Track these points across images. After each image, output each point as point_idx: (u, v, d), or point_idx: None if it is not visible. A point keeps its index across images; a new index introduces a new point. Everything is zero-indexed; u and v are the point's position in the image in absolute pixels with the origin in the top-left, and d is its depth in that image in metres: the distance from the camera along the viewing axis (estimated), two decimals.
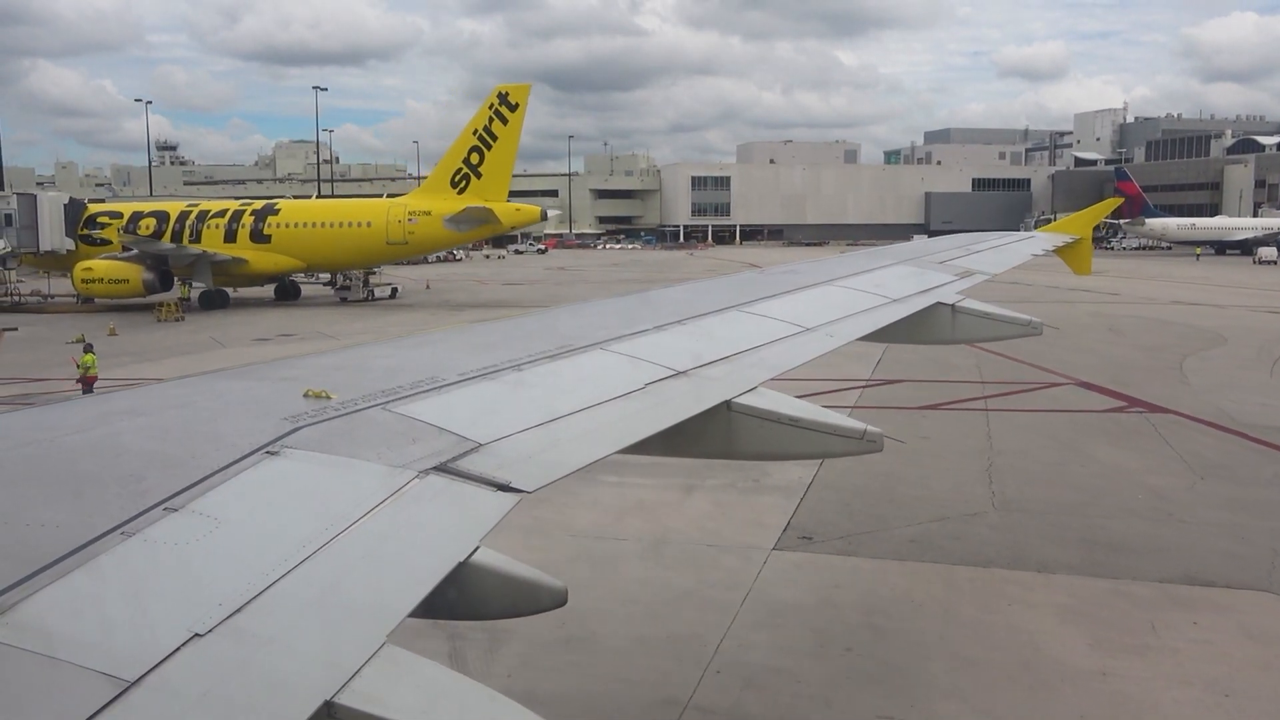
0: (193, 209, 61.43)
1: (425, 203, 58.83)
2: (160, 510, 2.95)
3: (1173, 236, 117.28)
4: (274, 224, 58.97)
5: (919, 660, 10.75)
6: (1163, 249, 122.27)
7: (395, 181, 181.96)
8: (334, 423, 3.91)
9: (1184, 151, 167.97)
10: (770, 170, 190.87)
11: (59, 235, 58.37)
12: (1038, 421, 23.05)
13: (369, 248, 58.97)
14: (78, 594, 2.50)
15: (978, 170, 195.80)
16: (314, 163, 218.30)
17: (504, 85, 57.91)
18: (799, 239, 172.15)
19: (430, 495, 3.51)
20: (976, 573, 13.31)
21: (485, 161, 57.29)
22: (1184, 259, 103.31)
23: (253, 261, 58.04)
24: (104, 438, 3.70)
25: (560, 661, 10.66)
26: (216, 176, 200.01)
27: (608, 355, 5.61)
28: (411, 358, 5.54)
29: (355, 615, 2.78)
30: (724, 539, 14.81)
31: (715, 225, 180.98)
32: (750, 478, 17.61)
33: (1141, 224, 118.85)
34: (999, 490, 17.13)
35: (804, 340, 6.75)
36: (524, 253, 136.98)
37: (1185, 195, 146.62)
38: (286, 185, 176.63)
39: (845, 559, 13.91)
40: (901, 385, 27.18)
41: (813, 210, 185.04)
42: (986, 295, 9.52)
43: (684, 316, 6.85)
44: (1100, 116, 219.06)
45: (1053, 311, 47.17)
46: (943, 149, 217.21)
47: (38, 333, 44.83)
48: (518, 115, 56.98)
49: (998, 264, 11.83)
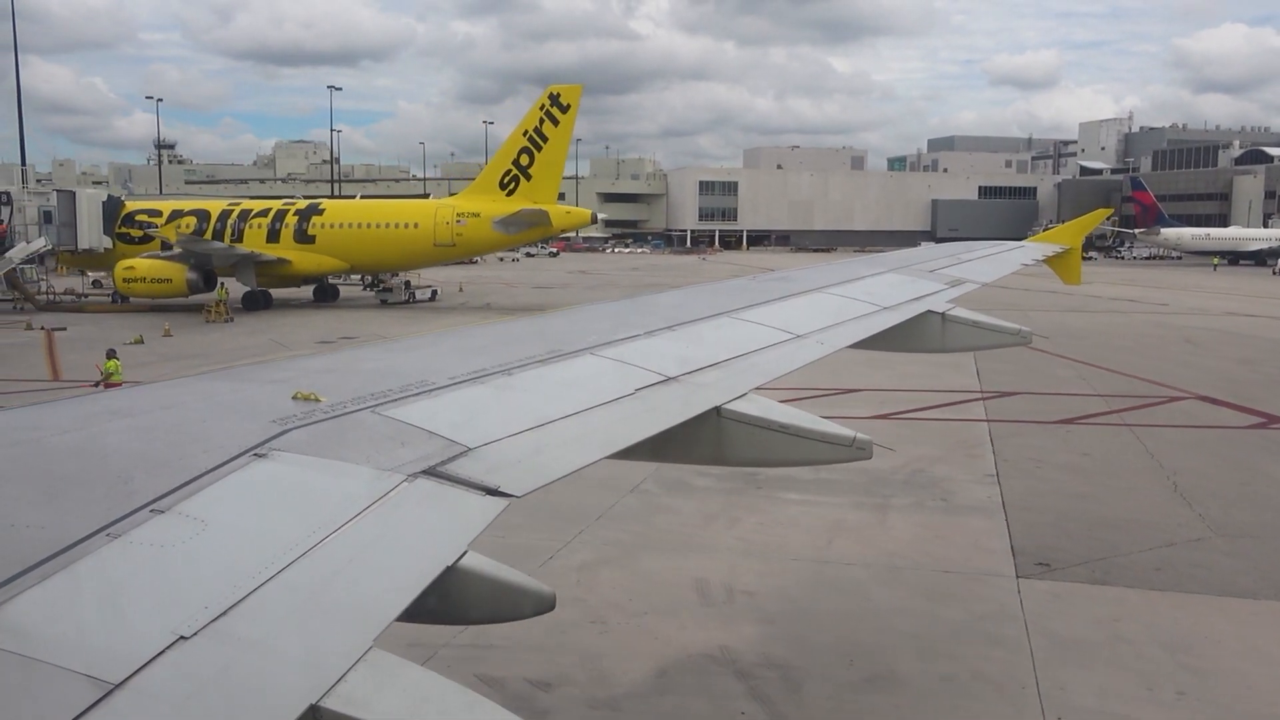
0: (234, 208, 60.43)
1: (474, 204, 57.76)
2: (147, 512, 2.94)
3: (1187, 247, 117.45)
4: (318, 224, 57.97)
5: (1270, 707, 10.20)
6: (1173, 259, 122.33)
7: (399, 183, 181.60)
8: (323, 425, 3.90)
9: (1191, 162, 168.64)
10: (778, 176, 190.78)
11: (97, 233, 57.04)
12: (1188, 438, 22.55)
13: (416, 249, 57.91)
14: (62, 596, 2.48)
15: (984, 178, 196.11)
16: (315, 162, 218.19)
17: (555, 86, 56.66)
18: (806, 245, 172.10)
19: (419, 499, 3.50)
20: (1246, 605, 12.84)
21: (535, 163, 56.30)
22: (1197, 269, 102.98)
23: (296, 262, 57.01)
24: (91, 438, 3.68)
25: (879, 704, 10.16)
26: (218, 176, 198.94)
27: (598, 360, 5.61)
28: (401, 361, 5.53)
29: (342, 619, 2.77)
30: (955, 564, 14.32)
31: (722, 230, 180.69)
32: (936, 496, 17.39)
33: (1156, 234, 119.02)
34: (1204, 513, 16.67)
35: (795, 347, 6.76)
36: (535, 255, 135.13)
37: (1194, 205, 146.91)
38: (291, 185, 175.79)
39: (1101, 588, 13.34)
40: (1018, 397, 26.90)
41: (820, 216, 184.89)
42: (1010, 302, 9.45)
43: (675, 322, 6.85)
44: (1105, 125, 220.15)
45: (1110, 322, 47.49)
46: (949, 156, 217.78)
47: (87, 333, 43.40)
48: (569, 116, 55.88)
49: (988, 273, 11.86)
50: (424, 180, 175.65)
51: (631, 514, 16.24)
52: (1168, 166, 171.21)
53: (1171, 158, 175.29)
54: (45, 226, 55.22)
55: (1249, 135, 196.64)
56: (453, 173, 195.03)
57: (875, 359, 21.75)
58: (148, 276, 53.22)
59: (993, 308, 9.57)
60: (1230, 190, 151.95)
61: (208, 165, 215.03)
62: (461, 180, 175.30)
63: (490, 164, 60.38)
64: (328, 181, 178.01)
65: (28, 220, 55.17)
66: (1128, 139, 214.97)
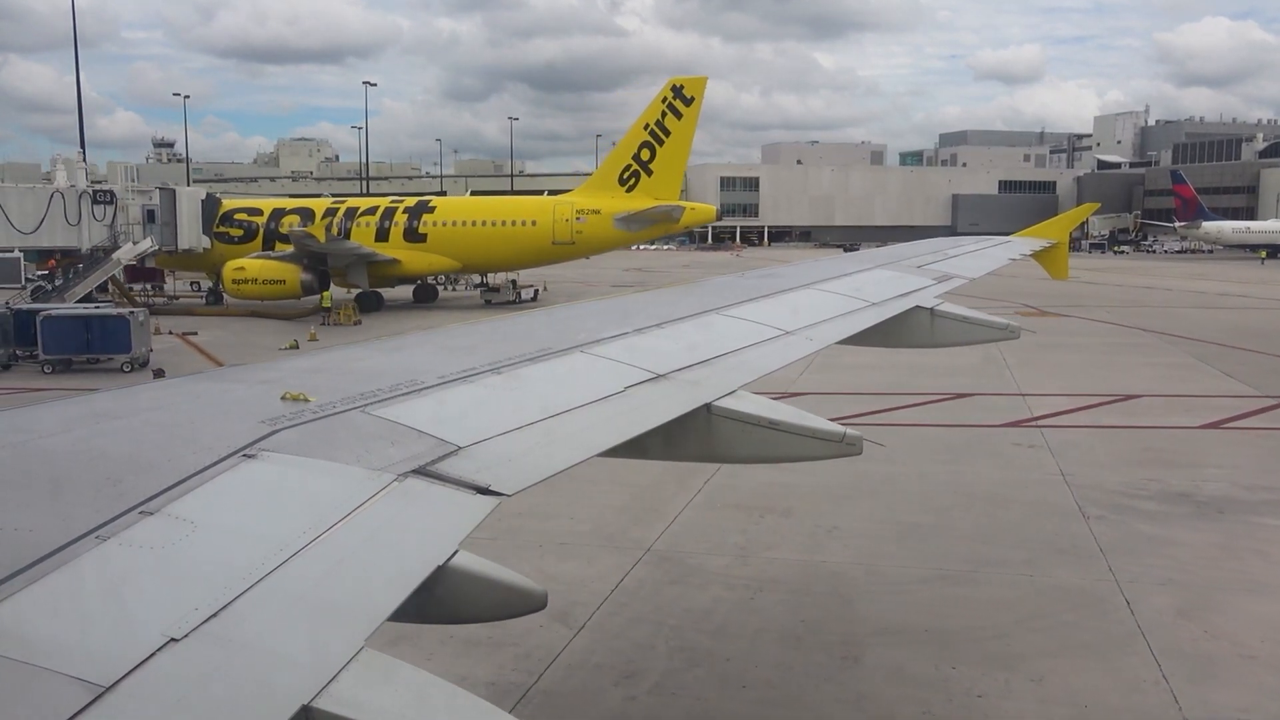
0: (339, 205, 58.69)
1: (593, 201, 55.66)
2: (137, 513, 2.93)
3: (1227, 240, 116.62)
4: (430, 222, 55.89)
5: None
6: (1204, 252, 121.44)
7: (412, 180, 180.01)
8: (312, 425, 3.90)
9: (1213, 155, 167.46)
10: (798, 171, 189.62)
11: (196, 232, 54.38)
12: None
13: (534, 248, 55.89)
14: (53, 598, 2.48)
15: (1003, 173, 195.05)
16: (319, 160, 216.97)
17: (678, 78, 54.32)
18: (828, 240, 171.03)
19: (409, 498, 3.50)
20: None
21: (656, 158, 54.27)
22: (1236, 263, 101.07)
23: (406, 262, 54.84)
24: (80, 440, 3.67)
25: None
26: (226, 174, 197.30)
27: (588, 358, 5.61)
28: (391, 361, 5.53)
29: (333, 619, 2.77)
30: None
31: (743, 226, 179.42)
32: (1214, 510, 16.26)
33: (1197, 227, 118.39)
34: None
35: (784, 343, 6.78)
36: None
37: (1219, 199, 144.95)
38: (302, 184, 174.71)
39: None
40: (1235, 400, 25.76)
41: (841, 212, 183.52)
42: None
43: (664, 320, 6.86)
44: (1121, 119, 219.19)
45: (1197, 318, 46.60)
46: (967, 151, 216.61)
47: (219, 338, 41.76)
48: (693, 109, 53.66)
49: (975, 268, 11.92)
50: (439, 178, 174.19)
51: (1123, 546, 14.36)
52: (1188, 160, 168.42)
53: (1192, 151, 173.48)
54: (149, 226, 52.38)
55: (1271, 129, 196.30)
56: (467, 170, 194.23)
57: None
58: (259, 278, 50.61)
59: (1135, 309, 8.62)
60: (1257, 183, 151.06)
61: (211, 164, 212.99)
62: (478, 177, 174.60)
63: (608, 159, 58.62)
64: (340, 179, 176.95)
65: (130, 220, 52.03)
66: (1144, 132, 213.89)
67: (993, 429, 22.33)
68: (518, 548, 14.02)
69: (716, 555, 14.21)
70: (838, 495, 16.74)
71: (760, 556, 14.18)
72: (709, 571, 13.56)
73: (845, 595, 12.75)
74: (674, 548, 14.50)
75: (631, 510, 16.15)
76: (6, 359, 33.44)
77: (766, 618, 12.09)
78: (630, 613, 12.19)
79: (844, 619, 12.04)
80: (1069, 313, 47.53)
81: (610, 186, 55.67)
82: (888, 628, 11.67)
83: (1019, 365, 30.39)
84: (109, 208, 51.46)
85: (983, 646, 11.11)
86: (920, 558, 14.09)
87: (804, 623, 11.89)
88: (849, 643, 11.27)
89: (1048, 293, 52.53)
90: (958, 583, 13.12)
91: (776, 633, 11.66)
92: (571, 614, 11.98)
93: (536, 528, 14.95)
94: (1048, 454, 19.71)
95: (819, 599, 12.75)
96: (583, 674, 10.63)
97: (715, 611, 12.22)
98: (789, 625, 11.86)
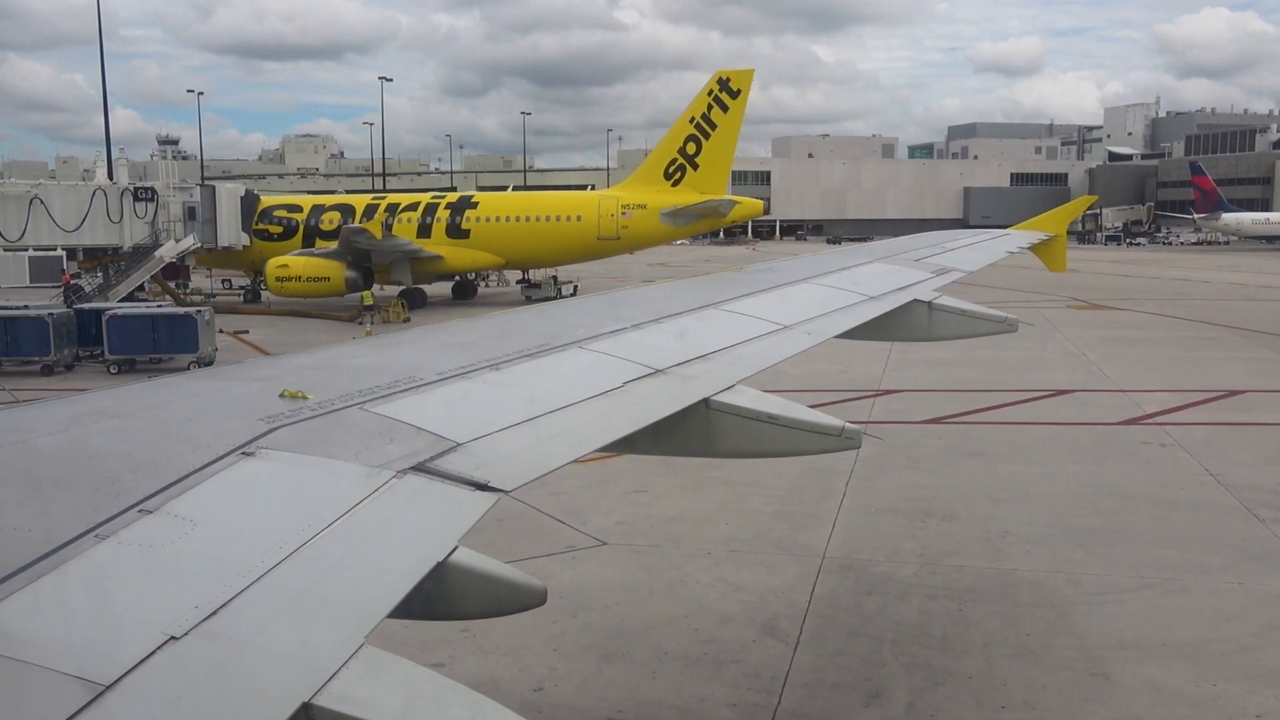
0: (379, 202, 57.87)
1: (639, 195, 54.71)
2: (135, 512, 2.93)
3: (1247, 231, 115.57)
4: (472, 218, 55.26)
5: None
6: (1220, 243, 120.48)
7: (422, 176, 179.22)
8: (311, 423, 3.89)
9: (1226, 146, 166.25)
10: (810, 165, 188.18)
11: (236, 229, 53.76)
12: None
13: (579, 243, 55.13)
14: (52, 597, 2.47)
15: (1015, 165, 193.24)
16: (326, 157, 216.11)
17: (725, 70, 53.33)
18: (840, 234, 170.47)
19: (408, 495, 3.50)
20: None
21: (702, 151, 53.23)
22: (1258, 254, 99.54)
23: (449, 258, 54.22)
24: (78, 439, 3.67)
25: None
26: (233, 171, 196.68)
27: (586, 354, 5.61)
28: (389, 357, 5.52)
29: (333, 616, 2.77)
30: None
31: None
32: None
33: (1217, 219, 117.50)
34: None
35: (782, 338, 6.78)
36: None
37: (1234, 190, 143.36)
38: (311, 181, 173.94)
39: None
40: None
41: (853, 205, 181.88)
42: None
43: (662, 315, 6.85)
44: (1132, 111, 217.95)
45: (1252, 310, 45.83)
46: (978, 144, 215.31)
47: (271, 336, 41.02)
48: (739, 102, 52.64)
49: (972, 261, 11.91)
50: (450, 174, 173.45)
51: None
52: (1200, 151, 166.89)
53: (1204, 142, 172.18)
54: (190, 224, 51.52)
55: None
56: (475, 165, 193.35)
57: None
58: (303, 275, 49.66)
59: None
60: (1272, 174, 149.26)
61: (217, 161, 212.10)
62: (487, 173, 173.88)
63: (654, 153, 57.05)
64: (348, 176, 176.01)
65: (171, 217, 51.28)
66: (1155, 124, 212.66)
67: (1112, 427, 21.99)
68: (685, 556, 13.81)
69: (898, 563, 13.83)
70: (992, 498, 16.47)
71: (944, 564, 13.79)
72: (900, 581, 13.19)
73: (1056, 606, 12.32)
74: (850, 555, 14.09)
75: (787, 516, 15.86)
76: (70, 359, 33.10)
77: (987, 631, 11.63)
78: (841, 626, 11.82)
79: (1068, 631, 11.56)
80: (1119, 306, 47.27)
81: (656, 181, 54.61)
82: (1120, 641, 11.22)
83: (1104, 361, 30.10)
84: (150, 205, 50.93)
85: (1231, 660, 10.67)
86: (1112, 564, 13.62)
87: (1029, 636, 11.42)
88: (1089, 658, 10.79)
89: (1090, 286, 52.45)
90: (1168, 591, 12.70)
91: (1007, 647, 11.16)
92: (778, 627, 11.66)
93: (696, 534, 14.73)
94: (1183, 453, 19.32)
95: (1030, 610, 12.28)
96: (824, 694, 10.25)
97: (929, 625, 11.84)
98: (1013, 639, 11.38)
